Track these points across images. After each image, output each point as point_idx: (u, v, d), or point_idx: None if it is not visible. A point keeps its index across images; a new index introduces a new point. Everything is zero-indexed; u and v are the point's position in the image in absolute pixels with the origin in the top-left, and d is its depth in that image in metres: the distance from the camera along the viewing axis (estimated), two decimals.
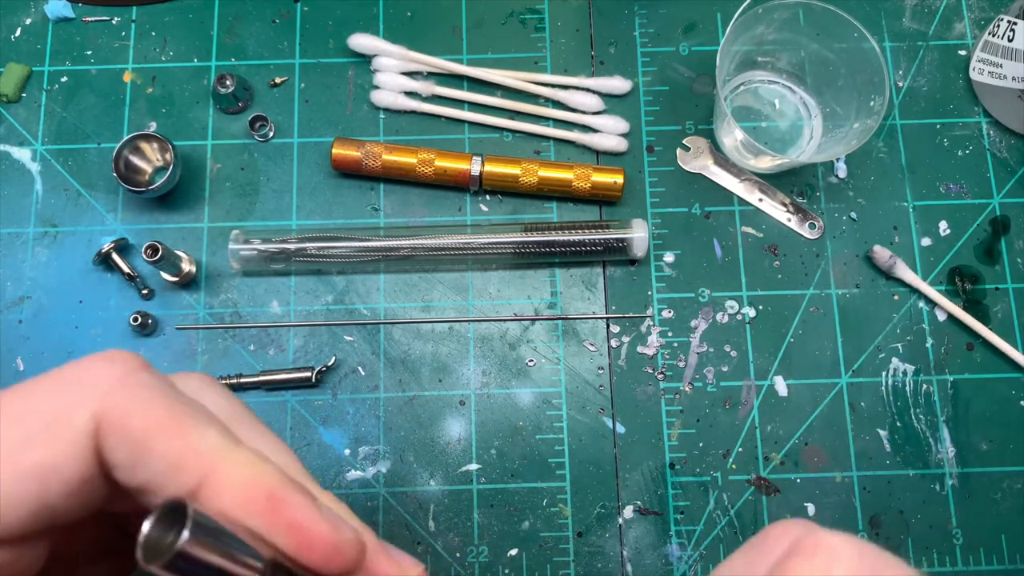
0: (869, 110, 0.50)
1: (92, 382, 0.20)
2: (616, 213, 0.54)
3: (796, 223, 0.54)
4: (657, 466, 0.50)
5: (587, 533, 0.49)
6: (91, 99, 0.55)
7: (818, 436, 0.50)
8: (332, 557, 0.21)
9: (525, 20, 0.57)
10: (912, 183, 0.54)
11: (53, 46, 0.56)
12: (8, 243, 0.53)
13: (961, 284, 0.53)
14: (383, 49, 0.55)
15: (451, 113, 0.55)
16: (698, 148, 0.55)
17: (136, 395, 0.20)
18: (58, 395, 0.20)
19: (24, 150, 0.54)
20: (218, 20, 0.57)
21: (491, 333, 0.52)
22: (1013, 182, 0.54)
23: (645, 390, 0.51)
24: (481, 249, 0.51)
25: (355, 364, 0.51)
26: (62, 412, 0.20)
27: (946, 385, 0.51)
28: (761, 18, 0.52)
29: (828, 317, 0.52)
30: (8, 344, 0.51)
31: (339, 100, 0.56)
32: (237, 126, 0.55)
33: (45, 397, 0.20)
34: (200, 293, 0.52)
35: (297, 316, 0.52)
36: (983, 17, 0.57)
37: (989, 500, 0.49)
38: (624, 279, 0.53)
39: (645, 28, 0.57)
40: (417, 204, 0.54)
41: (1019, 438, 0.50)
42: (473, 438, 0.50)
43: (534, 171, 0.52)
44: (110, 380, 0.21)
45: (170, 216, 0.54)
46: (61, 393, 0.20)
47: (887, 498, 0.49)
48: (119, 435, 0.20)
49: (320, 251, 0.51)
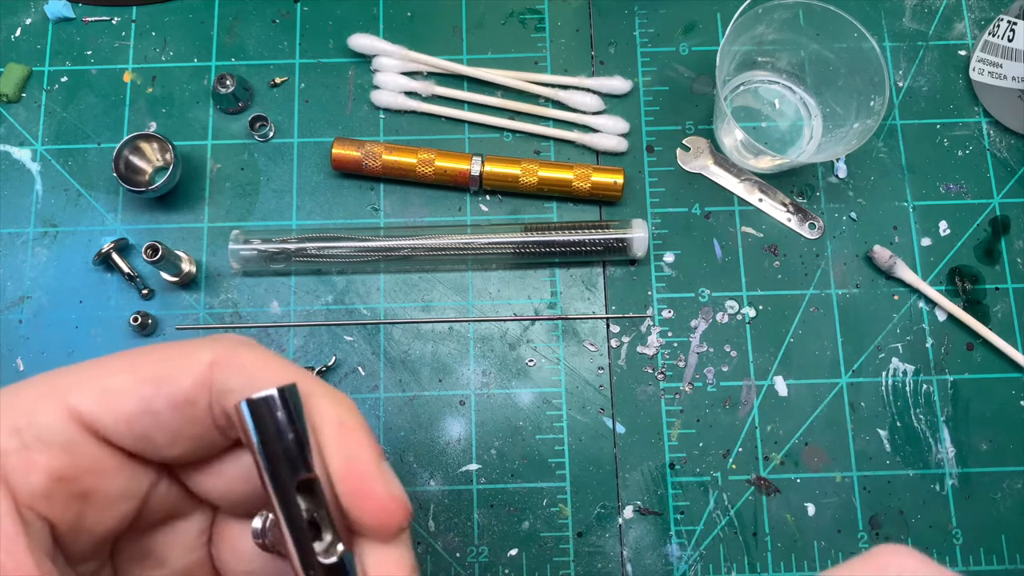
0: (869, 110, 0.50)
1: (215, 339, 0.25)
2: (616, 213, 0.54)
3: (796, 223, 0.54)
4: (657, 466, 0.50)
5: (587, 533, 0.49)
6: (91, 99, 0.55)
7: (818, 436, 0.50)
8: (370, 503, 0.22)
9: (525, 20, 0.57)
10: (912, 183, 0.54)
11: (53, 46, 0.56)
12: (8, 243, 0.53)
13: (961, 284, 0.53)
14: (383, 49, 0.55)
15: (451, 113, 0.55)
16: (698, 148, 0.55)
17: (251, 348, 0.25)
18: (188, 342, 0.24)
19: (24, 150, 0.54)
20: (218, 20, 0.57)
21: (491, 333, 0.52)
22: (1013, 182, 0.54)
23: (645, 390, 0.51)
24: (481, 249, 0.51)
25: (355, 364, 0.51)
26: (189, 349, 0.24)
27: (946, 385, 0.51)
28: (761, 18, 0.52)
29: (828, 317, 0.52)
30: (8, 344, 0.51)
31: (339, 100, 0.56)
32: (237, 126, 0.55)
33: (178, 343, 0.25)
34: (200, 293, 0.52)
35: (297, 316, 0.52)
36: (983, 17, 0.57)
37: (989, 500, 0.50)
38: (624, 279, 0.53)
39: (645, 28, 0.57)
40: (417, 204, 0.54)
41: (1019, 438, 0.50)
42: (473, 438, 0.50)
43: (534, 171, 0.52)
44: (231, 339, 0.25)
45: (170, 216, 0.54)
46: (191, 342, 0.24)
47: (887, 498, 0.49)
48: (236, 367, 0.24)
49: (320, 251, 0.51)
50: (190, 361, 0.24)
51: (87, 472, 0.23)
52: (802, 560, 0.49)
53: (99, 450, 0.23)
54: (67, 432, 0.22)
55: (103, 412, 0.23)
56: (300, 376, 0.24)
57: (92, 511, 0.23)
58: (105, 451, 0.23)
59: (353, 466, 0.23)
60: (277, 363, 0.24)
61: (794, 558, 0.49)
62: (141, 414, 0.23)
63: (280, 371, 0.24)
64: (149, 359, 0.24)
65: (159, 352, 0.24)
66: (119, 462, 0.23)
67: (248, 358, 0.24)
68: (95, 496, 0.23)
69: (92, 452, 0.23)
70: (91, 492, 0.23)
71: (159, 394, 0.23)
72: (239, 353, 0.24)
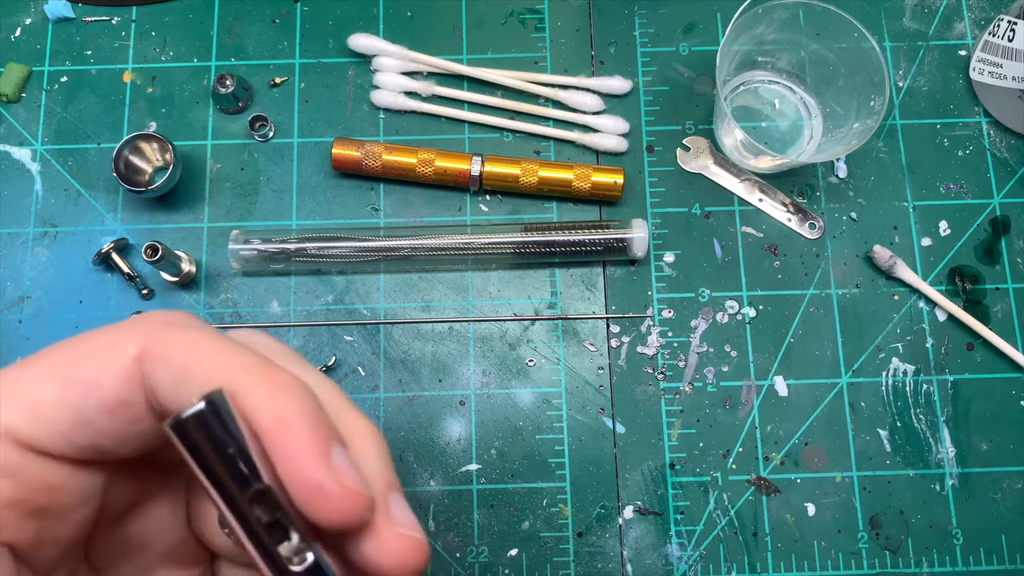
0: (869, 110, 0.50)
1: (142, 323, 0.22)
2: (616, 213, 0.54)
3: (796, 223, 0.54)
4: (657, 466, 0.50)
5: (587, 533, 0.49)
6: (91, 99, 0.55)
7: (818, 436, 0.50)
8: (322, 503, 0.20)
9: (525, 20, 0.57)
10: (912, 183, 0.54)
11: (53, 46, 0.56)
12: (8, 243, 0.53)
13: (961, 284, 0.53)
14: (383, 49, 0.55)
15: (451, 113, 0.55)
16: (698, 148, 0.55)
17: (181, 331, 0.22)
18: (111, 331, 0.22)
19: (24, 150, 0.54)
20: (218, 20, 0.57)
21: (491, 333, 0.52)
22: (1013, 182, 0.54)
23: (645, 390, 0.51)
24: (481, 249, 0.51)
25: (355, 364, 0.51)
26: (111, 342, 0.22)
27: (946, 385, 0.51)
28: (761, 18, 0.52)
29: (828, 317, 0.52)
30: (8, 344, 0.51)
31: (339, 100, 0.56)
32: (237, 126, 0.55)
33: (100, 333, 0.22)
34: (200, 293, 0.52)
35: (297, 316, 0.52)
36: (983, 17, 0.57)
37: (989, 500, 0.49)
38: (624, 279, 0.53)
39: (645, 28, 0.57)
40: (417, 204, 0.54)
41: (1019, 438, 0.50)
42: (473, 438, 0.50)
43: (534, 171, 0.52)
44: (158, 320, 0.23)
45: (170, 216, 0.54)
46: (114, 330, 0.22)
47: (887, 498, 0.49)
48: (163, 360, 0.21)
49: (320, 251, 0.51)
50: (114, 357, 0.21)
51: (36, 491, 0.21)
52: (802, 560, 0.49)
53: (44, 466, 0.21)
54: (5, 455, 0.21)
55: (36, 430, 0.21)
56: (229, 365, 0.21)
57: (50, 525, 0.22)
58: (51, 465, 0.21)
59: (295, 467, 0.20)
60: (206, 347, 0.22)
61: (794, 558, 0.49)
62: (76, 426, 0.21)
63: (210, 357, 0.21)
64: (72, 357, 0.22)
65: (82, 346, 0.22)
66: (68, 472, 0.22)
67: (175, 345, 0.21)
68: (50, 510, 0.22)
69: (37, 469, 0.21)
70: (45, 508, 0.21)
71: (89, 401, 0.21)
72: (166, 340, 0.22)
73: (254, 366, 0.21)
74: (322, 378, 0.24)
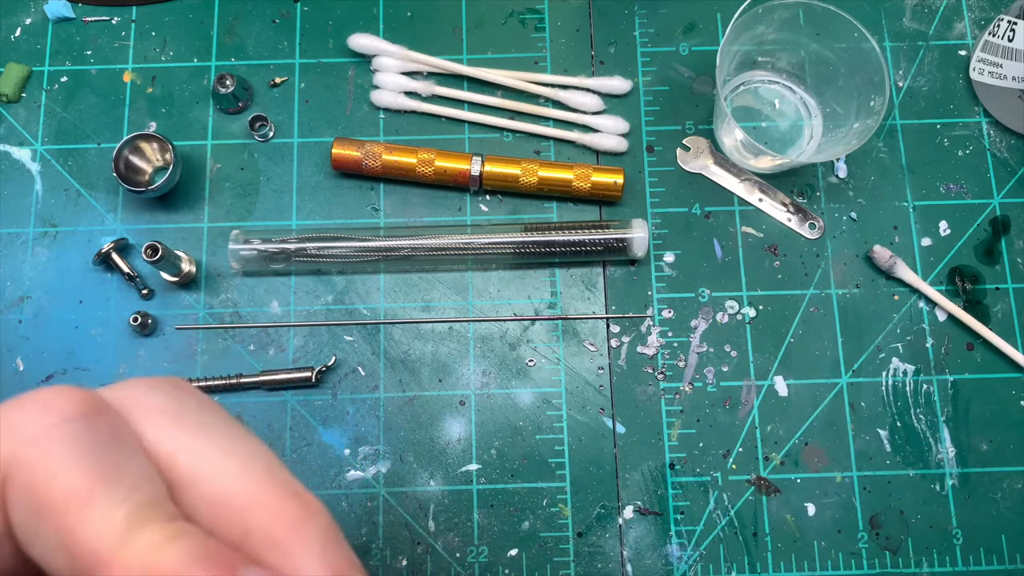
0: (869, 110, 0.50)
1: (14, 429, 0.17)
2: (616, 213, 0.54)
3: (796, 223, 0.54)
4: (657, 466, 0.50)
5: (587, 533, 0.49)
6: (91, 99, 0.55)
7: (818, 436, 0.50)
8: None
9: (525, 20, 0.57)
10: (912, 183, 0.54)
11: (53, 46, 0.56)
12: (8, 243, 0.53)
13: (961, 284, 0.53)
14: (383, 49, 0.55)
15: (451, 113, 0.55)
16: (698, 148, 0.55)
17: (52, 451, 0.17)
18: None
19: (24, 150, 0.54)
20: (218, 20, 0.57)
21: (491, 333, 0.52)
22: (1013, 182, 0.54)
23: (645, 390, 0.51)
24: (481, 249, 0.51)
25: (355, 364, 0.51)
26: None
27: (946, 385, 0.51)
28: (761, 18, 0.52)
29: (828, 317, 0.52)
30: (8, 344, 0.51)
31: (339, 100, 0.56)
32: (237, 126, 0.55)
33: None
34: (200, 293, 0.52)
35: (297, 316, 0.52)
36: (983, 17, 0.57)
37: (989, 500, 0.49)
38: (624, 279, 0.53)
39: (645, 28, 0.57)
40: (417, 204, 0.54)
41: (1019, 438, 0.50)
42: (473, 438, 0.50)
43: (534, 171, 0.52)
44: (33, 429, 0.17)
45: (170, 216, 0.54)
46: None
47: (887, 498, 0.49)
48: (21, 494, 0.17)
49: (320, 251, 0.51)
50: None
51: None
52: (802, 560, 0.49)
53: None
54: None
55: None
56: (99, 508, 0.16)
57: None
58: None
59: None
60: (77, 479, 0.17)
61: (794, 558, 0.49)
62: None
63: (76, 494, 0.16)
64: None
65: None
66: None
67: (40, 477, 0.17)
68: None
69: None
70: None
71: None
72: (33, 467, 0.17)
73: (123, 519, 0.16)
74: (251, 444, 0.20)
